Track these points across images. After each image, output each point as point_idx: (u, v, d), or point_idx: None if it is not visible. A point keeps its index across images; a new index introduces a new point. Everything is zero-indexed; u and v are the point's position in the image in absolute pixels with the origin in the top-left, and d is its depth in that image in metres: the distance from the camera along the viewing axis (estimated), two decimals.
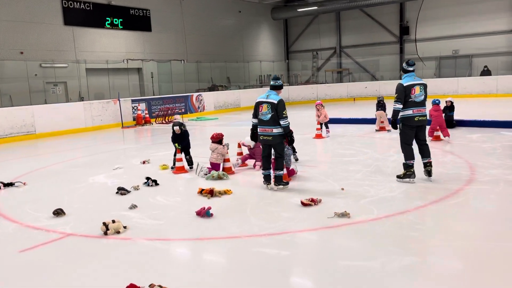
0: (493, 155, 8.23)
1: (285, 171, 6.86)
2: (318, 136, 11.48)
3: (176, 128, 8.23)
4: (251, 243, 4.61)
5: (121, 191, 6.83)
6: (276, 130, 6.49)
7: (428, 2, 25.85)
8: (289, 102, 25.13)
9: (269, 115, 6.48)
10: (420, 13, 26.33)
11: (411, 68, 6.68)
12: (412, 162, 6.59)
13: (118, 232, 5.04)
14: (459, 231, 4.62)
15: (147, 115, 17.95)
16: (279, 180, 6.58)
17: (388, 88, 25.21)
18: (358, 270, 3.81)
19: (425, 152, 6.64)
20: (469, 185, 6.27)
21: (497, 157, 8.07)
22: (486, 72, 24.11)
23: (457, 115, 12.23)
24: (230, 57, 26.67)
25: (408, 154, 6.61)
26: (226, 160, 7.97)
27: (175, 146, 8.16)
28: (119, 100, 17.17)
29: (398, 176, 6.76)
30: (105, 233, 5.01)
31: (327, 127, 11.80)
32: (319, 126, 11.65)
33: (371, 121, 13.55)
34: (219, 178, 7.44)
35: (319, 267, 3.94)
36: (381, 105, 12.38)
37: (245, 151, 8.50)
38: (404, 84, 6.57)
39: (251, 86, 26.63)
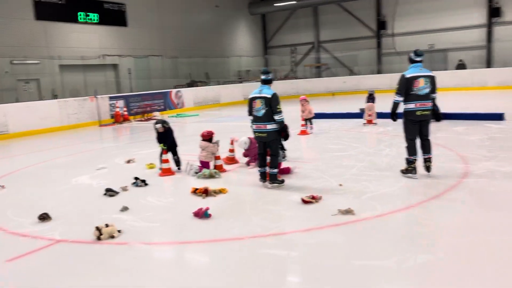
0: (483, 147, 8.25)
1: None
2: (303, 132, 11.20)
3: (159, 126, 7.65)
4: (257, 244, 4.39)
5: (109, 192, 6.50)
6: (270, 126, 6.26)
7: None
8: None
9: (263, 111, 6.24)
10: (397, 8, 26.56)
11: (418, 59, 6.30)
12: (413, 157, 6.42)
13: (113, 237, 4.74)
14: (469, 225, 4.52)
15: (126, 113, 17.43)
16: (274, 179, 6.38)
17: (366, 82, 25.41)
18: (374, 271, 3.65)
19: (426, 147, 6.46)
20: (466, 178, 6.22)
21: (487, 149, 8.09)
22: (461, 66, 24.56)
23: (441, 108, 12.29)
24: (208, 52, 26.26)
25: (410, 150, 6.43)
26: (217, 158, 7.73)
27: (161, 147, 7.60)
28: (96, 97, 16.59)
29: (402, 171, 6.61)
30: (99, 238, 4.70)
31: (311, 123, 11.54)
32: (304, 122, 11.39)
33: (355, 116, 13.51)
34: (211, 176, 7.19)
35: (334, 268, 3.76)
36: (372, 98, 12.29)
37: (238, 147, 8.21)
38: (407, 76, 6.24)
39: (231, 82, 26.32)
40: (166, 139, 7.68)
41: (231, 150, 8.24)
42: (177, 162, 7.83)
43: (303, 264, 3.88)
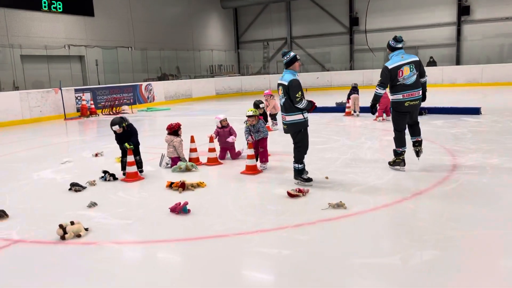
0: (465, 140, 8.11)
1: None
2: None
3: (116, 128, 6.35)
4: (243, 242, 3.96)
5: (75, 187, 5.90)
6: (289, 118, 5.48)
7: None
8: (242, 93, 24.53)
9: (283, 100, 5.52)
10: (369, 4, 26.57)
11: (399, 45, 5.98)
12: (401, 149, 6.12)
13: (79, 236, 4.19)
14: (470, 219, 4.23)
15: (93, 106, 16.57)
16: (298, 174, 5.63)
17: (339, 78, 25.39)
18: (379, 269, 3.28)
19: (415, 130, 6.19)
20: (457, 171, 5.99)
21: (470, 141, 7.94)
22: (431, 63, 24.82)
23: None
24: (179, 45, 25.50)
25: (398, 141, 6.12)
26: (193, 150, 7.23)
27: (125, 147, 6.29)
28: (60, 89, 15.67)
29: (389, 163, 6.33)
30: (63, 238, 4.15)
31: (274, 120, 10.51)
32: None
33: (332, 110, 13.32)
34: (188, 169, 6.69)
35: (332, 266, 3.37)
36: (356, 90, 12.29)
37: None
38: (389, 67, 5.87)
39: (202, 76, 25.70)
40: (130, 136, 6.44)
41: (211, 150, 7.16)
42: (139, 164, 6.51)
43: (298, 263, 3.46)
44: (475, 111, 11.31)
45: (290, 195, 5.12)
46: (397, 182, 5.62)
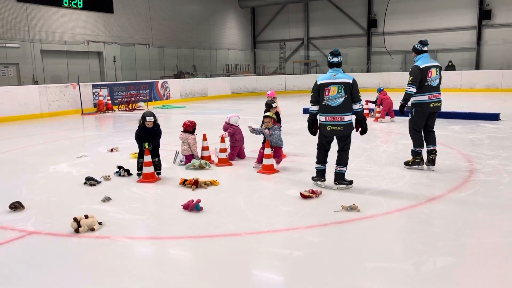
0: (484, 146, 7.97)
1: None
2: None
3: (150, 119, 6.00)
4: (255, 241, 3.95)
5: (90, 181, 5.97)
6: (348, 118, 5.27)
7: None
8: (257, 93, 24.53)
9: (341, 99, 5.19)
10: (388, 7, 26.36)
11: (425, 48, 6.08)
12: (421, 149, 6.25)
13: (93, 230, 4.24)
14: (487, 226, 4.15)
15: (109, 102, 16.74)
16: (342, 178, 5.44)
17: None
18: (390, 273, 3.25)
19: (432, 139, 6.22)
20: (474, 176, 5.89)
21: (488, 148, 7.80)
22: (450, 67, 24.49)
23: None
24: (196, 44, 25.66)
25: (418, 142, 6.23)
26: (205, 149, 7.25)
27: (144, 146, 6.01)
28: (78, 84, 15.87)
29: (406, 163, 6.42)
30: (76, 231, 4.19)
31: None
32: None
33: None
34: (201, 167, 6.71)
35: (344, 270, 3.34)
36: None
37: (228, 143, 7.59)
38: (421, 66, 5.97)
39: (218, 75, 25.79)
40: (153, 138, 6.12)
41: (223, 150, 7.01)
42: (157, 166, 6.21)
43: (310, 265, 3.44)
44: (494, 117, 11.11)
45: (303, 196, 5.10)
46: (412, 186, 5.56)
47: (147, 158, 6.00)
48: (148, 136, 6.06)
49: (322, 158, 5.55)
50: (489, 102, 16.62)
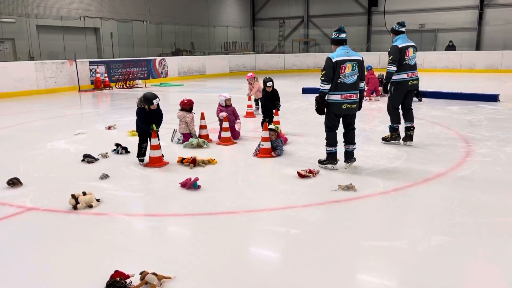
0: (481, 127, 7.98)
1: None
2: (250, 115, 9.49)
3: (157, 101, 5.59)
4: (253, 219, 3.99)
5: (88, 158, 5.97)
6: (358, 96, 5.26)
7: None
8: (256, 71, 24.34)
9: (355, 77, 5.14)
10: None
11: (403, 29, 6.45)
12: (398, 126, 6.60)
13: (90, 206, 4.26)
14: (482, 206, 4.18)
15: (107, 79, 16.60)
16: (352, 155, 5.45)
17: None
18: (386, 252, 3.29)
19: (409, 116, 6.55)
20: (471, 157, 5.92)
21: (486, 129, 7.82)
22: (451, 47, 24.29)
23: (429, 88, 12.51)
24: (194, 21, 25.30)
25: (396, 118, 6.57)
26: (203, 127, 7.23)
27: (151, 128, 5.63)
28: (75, 61, 15.70)
29: (384, 139, 6.81)
30: (75, 207, 4.22)
31: (258, 104, 9.65)
32: (250, 103, 9.66)
33: None
34: (199, 146, 6.71)
35: (340, 248, 3.38)
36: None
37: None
38: (400, 46, 6.28)
39: (216, 53, 25.53)
40: (158, 118, 5.79)
41: (226, 129, 6.93)
42: (144, 152, 5.82)
43: (306, 243, 3.48)
44: (493, 98, 11.10)
45: (300, 175, 5.12)
46: (409, 166, 5.58)
47: (155, 141, 5.65)
48: (152, 118, 5.69)
49: (335, 140, 5.42)
50: (488, 83, 16.58)
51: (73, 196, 4.25)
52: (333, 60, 5.11)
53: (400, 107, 6.60)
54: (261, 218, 4.00)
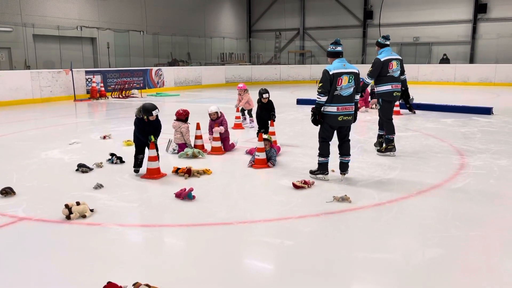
0: (475, 140, 8.03)
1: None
2: (238, 126, 9.38)
3: (156, 112, 5.54)
4: (247, 230, 3.97)
5: (82, 168, 5.95)
6: (353, 108, 5.33)
7: None
8: (252, 82, 24.44)
9: (351, 89, 5.21)
10: None
11: (387, 42, 6.69)
12: (393, 136, 6.77)
13: (84, 216, 4.24)
14: (476, 218, 4.20)
15: (103, 88, 16.59)
16: (347, 167, 5.46)
17: None
18: (380, 264, 3.28)
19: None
20: (465, 169, 5.95)
21: (479, 141, 7.87)
22: (445, 60, 24.54)
23: (424, 100, 12.63)
24: (191, 32, 25.44)
25: (391, 129, 6.74)
26: (198, 137, 7.23)
27: (149, 139, 5.54)
28: (71, 70, 15.71)
29: (379, 150, 6.89)
30: (68, 217, 4.19)
31: (250, 116, 9.72)
32: (238, 114, 9.53)
33: None
34: (194, 156, 6.71)
35: (334, 259, 3.37)
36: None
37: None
38: (382, 59, 6.55)
39: (213, 63, 25.64)
40: (156, 130, 5.73)
41: (216, 139, 7.01)
42: (141, 163, 5.75)
43: (300, 254, 3.47)
44: (487, 111, 11.19)
45: (295, 186, 5.12)
46: (403, 178, 5.60)
47: (152, 152, 5.54)
48: (150, 129, 5.61)
49: (327, 150, 5.49)
50: (482, 96, 16.73)
51: (66, 206, 4.22)
52: (330, 73, 5.17)
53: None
54: (255, 229, 3.99)
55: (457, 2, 24.59)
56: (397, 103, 11.18)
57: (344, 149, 5.50)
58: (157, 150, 5.66)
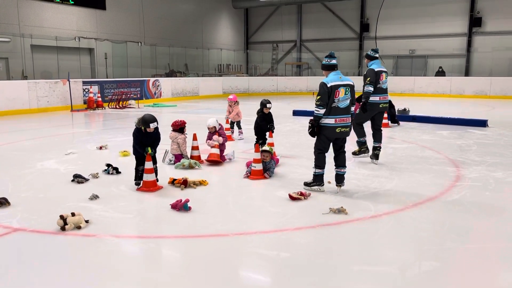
0: (471, 152, 8.06)
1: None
2: (228, 138, 8.64)
3: (154, 125, 5.43)
4: (242, 242, 3.96)
5: (78, 178, 5.92)
6: (350, 120, 5.40)
7: (389, 1, 26.12)
8: (249, 93, 24.54)
9: (348, 101, 5.28)
10: (381, 11, 26.56)
11: (377, 55, 6.91)
12: (364, 139, 7.24)
13: (79, 228, 4.21)
14: (472, 231, 4.21)
15: (100, 99, 16.61)
16: (343, 179, 5.47)
17: None
18: (376, 276, 3.27)
19: (378, 136, 7.03)
20: (460, 181, 5.96)
21: (475, 153, 7.90)
22: (440, 73, 24.75)
23: (420, 112, 12.78)
24: (189, 43, 25.59)
25: (361, 133, 7.19)
26: (195, 148, 7.23)
27: (146, 151, 5.44)
28: (68, 80, 15.72)
29: (354, 153, 7.31)
30: (63, 228, 4.16)
31: (239, 128, 9.78)
32: (228, 126, 9.52)
33: None
34: (191, 167, 6.70)
35: (330, 272, 3.36)
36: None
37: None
38: (376, 70, 6.75)
39: (210, 75, 25.75)
40: (155, 142, 5.64)
41: (216, 146, 7.08)
42: (141, 175, 5.60)
43: (296, 266, 3.45)
44: (482, 123, 11.26)
45: (292, 197, 5.11)
46: (399, 190, 5.60)
47: (149, 164, 5.43)
48: (148, 140, 5.51)
49: (324, 162, 5.50)
50: (478, 109, 16.83)
51: (61, 217, 4.20)
52: (328, 85, 5.23)
53: (366, 124, 7.16)
54: (251, 241, 3.98)
55: (452, 16, 24.87)
56: (385, 115, 11.31)
57: (340, 161, 5.51)
58: (155, 162, 5.62)
